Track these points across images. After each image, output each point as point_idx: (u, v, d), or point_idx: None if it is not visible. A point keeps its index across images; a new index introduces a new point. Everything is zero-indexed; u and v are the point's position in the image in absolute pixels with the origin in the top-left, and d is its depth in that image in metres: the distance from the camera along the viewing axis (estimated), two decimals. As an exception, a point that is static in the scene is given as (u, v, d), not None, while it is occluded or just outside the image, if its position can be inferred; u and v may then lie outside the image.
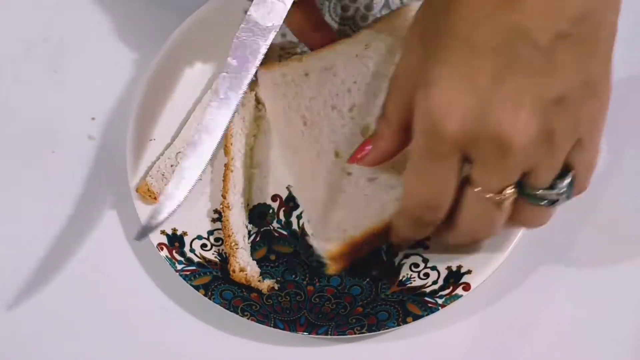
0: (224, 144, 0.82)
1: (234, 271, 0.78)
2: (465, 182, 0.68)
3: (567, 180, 0.68)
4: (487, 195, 0.67)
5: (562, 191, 0.68)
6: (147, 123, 0.84)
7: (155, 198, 0.81)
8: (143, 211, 0.80)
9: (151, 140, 0.84)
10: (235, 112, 0.74)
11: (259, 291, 0.79)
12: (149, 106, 0.84)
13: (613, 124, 0.84)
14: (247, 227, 0.81)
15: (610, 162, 0.84)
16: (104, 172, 0.86)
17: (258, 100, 0.85)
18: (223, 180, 0.81)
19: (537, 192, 0.68)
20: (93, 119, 0.88)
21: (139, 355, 0.80)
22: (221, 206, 0.81)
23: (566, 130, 0.66)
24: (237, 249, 0.79)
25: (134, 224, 0.81)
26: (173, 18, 0.88)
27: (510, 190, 0.67)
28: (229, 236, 0.79)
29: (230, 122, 0.74)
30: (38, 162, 0.87)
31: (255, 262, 0.79)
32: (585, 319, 0.79)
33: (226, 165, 0.82)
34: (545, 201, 0.69)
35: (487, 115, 0.64)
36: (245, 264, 0.78)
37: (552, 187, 0.68)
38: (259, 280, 0.78)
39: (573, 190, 0.69)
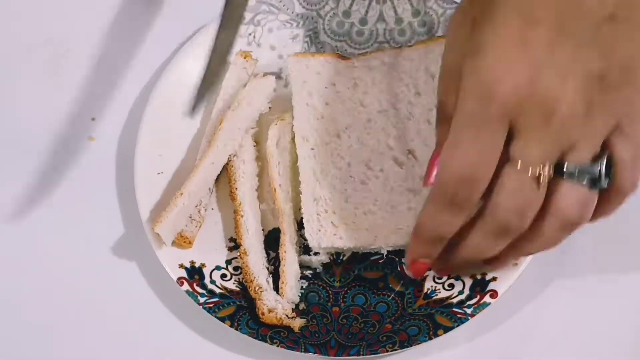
0: (229, 190, 0.82)
1: (263, 314, 0.77)
2: (504, 164, 0.67)
3: (604, 158, 0.67)
4: (525, 170, 0.66)
5: (599, 168, 0.67)
6: (153, 157, 0.83)
7: (190, 242, 0.80)
8: (164, 257, 0.79)
9: (159, 173, 0.82)
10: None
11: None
12: (153, 140, 0.83)
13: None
14: (267, 268, 0.80)
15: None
16: (104, 172, 0.85)
17: (256, 141, 0.84)
18: (235, 227, 0.80)
19: (575, 169, 0.67)
20: (93, 119, 0.87)
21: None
22: (238, 253, 0.80)
23: (604, 107, 0.66)
24: (261, 292, 0.78)
25: (135, 225, 0.81)
26: (173, 20, 0.89)
27: (549, 169, 0.66)
28: (251, 281, 0.78)
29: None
30: (38, 163, 0.86)
31: (284, 300, 0.78)
32: (596, 321, 0.80)
33: (235, 211, 0.81)
34: (583, 178, 0.67)
35: (538, 81, 0.65)
36: (273, 305, 0.77)
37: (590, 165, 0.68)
38: (292, 318, 0.77)
39: (611, 174, 0.68)
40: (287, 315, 0.77)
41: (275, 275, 0.79)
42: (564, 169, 0.67)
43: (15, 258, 0.83)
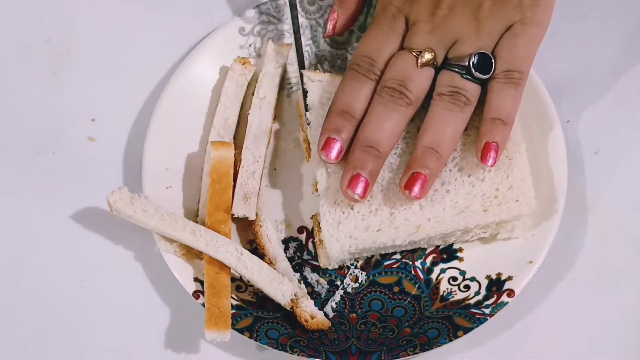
0: None
1: (306, 321, 0.77)
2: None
3: (475, 55, 0.78)
4: (409, 51, 0.79)
5: (470, 62, 0.78)
6: (160, 172, 0.82)
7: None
8: (178, 270, 0.79)
9: (167, 188, 0.82)
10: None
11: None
12: (159, 156, 0.83)
13: (613, 122, 0.86)
14: (294, 274, 0.80)
15: (611, 162, 0.85)
16: (104, 172, 0.85)
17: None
18: (255, 238, 0.80)
19: (451, 59, 0.79)
20: (93, 120, 0.87)
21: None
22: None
23: (492, 10, 0.78)
24: (297, 300, 0.78)
25: (134, 224, 0.79)
26: (171, 19, 0.89)
27: (428, 54, 0.78)
28: None
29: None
30: (38, 163, 0.86)
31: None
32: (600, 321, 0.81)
33: (254, 222, 0.81)
34: (456, 68, 0.78)
35: None
36: (313, 311, 0.77)
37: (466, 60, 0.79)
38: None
39: (486, 71, 0.78)
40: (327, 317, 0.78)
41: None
42: (445, 61, 0.79)
43: (15, 258, 0.83)
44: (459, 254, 0.80)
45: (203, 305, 0.77)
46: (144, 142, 0.83)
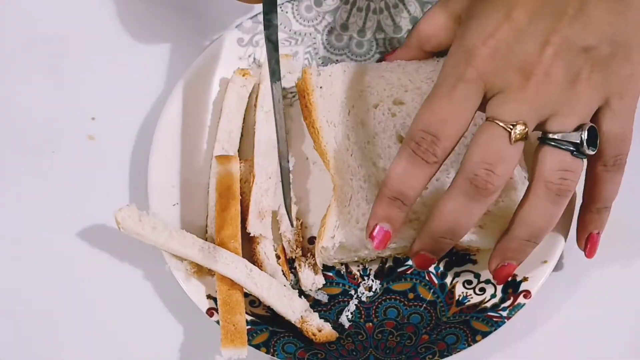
0: (246, 220, 0.80)
1: (314, 335, 0.76)
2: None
3: (586, 126, 0.69)
4: (499, 123, 0.68)
5: (581, 135, 0.69)
6: (167, 189, 0.82)
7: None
8: (191, 288, 0.78)
9: (174, 205, 0.81)
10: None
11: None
12: (165, 173, 0.82)
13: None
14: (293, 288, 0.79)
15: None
16: (104, 171, 0.85)
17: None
18: (253, 255, 0.79)
19: (555, 135, 0.69)
20: (93, 118, 0.87)
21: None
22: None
23: (590, 79, 0.69)
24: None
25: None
26: (171, 19, 0.89)
27: (521, 127, 0.68)
28: None
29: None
30: (38, 162, 0.86)
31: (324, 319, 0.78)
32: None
33: (252, 240, 0.80)
34: (565, 144, 0.69)
35: (517, 46, 0.69)
36: (319, 324, 0.77)
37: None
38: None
39: (595, 145, 0.70)
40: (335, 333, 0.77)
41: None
42: (546, 135, 0.69)
43: (14, 258, 0.83)
44: (472, 257, 0.80)
45: (218, 322, 0.76)
46: (148, 160, 0.81)
